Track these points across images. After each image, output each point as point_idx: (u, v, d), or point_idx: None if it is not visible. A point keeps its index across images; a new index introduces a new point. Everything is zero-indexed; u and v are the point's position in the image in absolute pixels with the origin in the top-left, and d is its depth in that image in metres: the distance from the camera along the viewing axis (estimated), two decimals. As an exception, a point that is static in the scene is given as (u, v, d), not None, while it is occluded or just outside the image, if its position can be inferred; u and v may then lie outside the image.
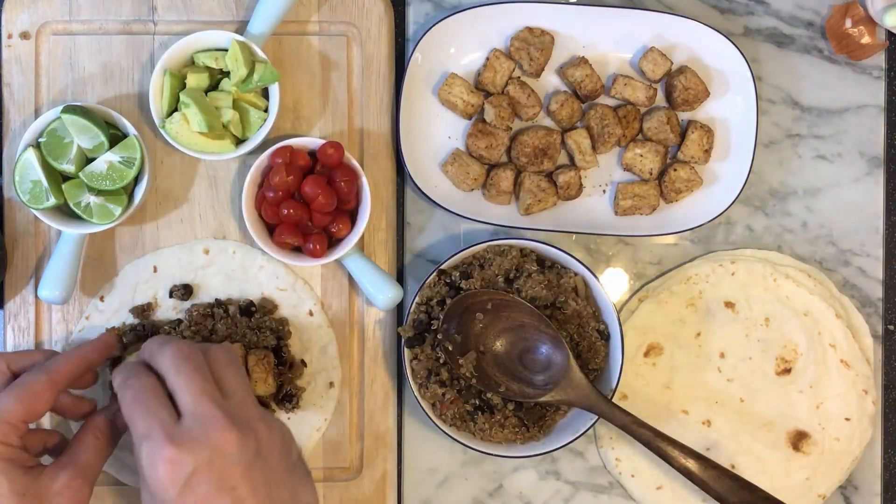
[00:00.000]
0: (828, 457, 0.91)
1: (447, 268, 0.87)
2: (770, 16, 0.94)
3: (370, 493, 0.89)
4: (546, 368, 0.85)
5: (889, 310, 0.94)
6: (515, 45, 0.89)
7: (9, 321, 0.88)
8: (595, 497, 0.92)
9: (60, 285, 0.84)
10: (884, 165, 0.94)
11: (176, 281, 0.89)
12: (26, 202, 0.82)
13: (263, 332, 0.87)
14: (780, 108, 0.94)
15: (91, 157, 0.84)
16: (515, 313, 0.85)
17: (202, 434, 0.66)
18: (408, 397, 0.91)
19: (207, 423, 0.67)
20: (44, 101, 0.89)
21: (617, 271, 0.93)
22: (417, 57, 0.89)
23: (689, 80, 0.89)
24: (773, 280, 0.92)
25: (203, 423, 0.67)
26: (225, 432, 0.67)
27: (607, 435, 0.91)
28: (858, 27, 0.91)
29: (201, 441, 0.66)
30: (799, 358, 0.92)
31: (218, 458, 0.66)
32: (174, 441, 0.66)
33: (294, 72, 0.90)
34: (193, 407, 0.68)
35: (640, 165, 0.90)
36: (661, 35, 0.91)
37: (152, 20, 0.89)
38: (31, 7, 0.88)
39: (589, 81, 0.90)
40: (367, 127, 0.90)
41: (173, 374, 0.70)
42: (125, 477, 0.88)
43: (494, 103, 0.89)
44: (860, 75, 0.94)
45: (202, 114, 0.82)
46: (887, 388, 0.94)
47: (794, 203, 0.94)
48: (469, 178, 0.89)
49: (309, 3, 0.90)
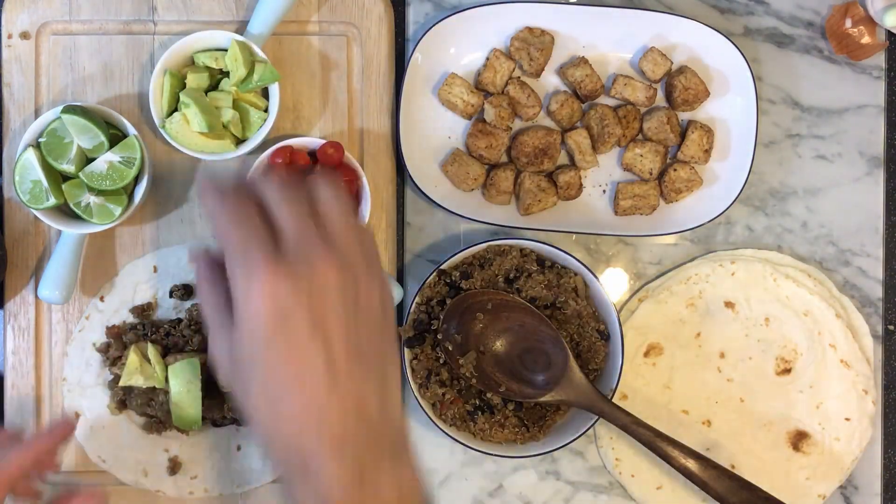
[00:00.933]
0: (828, 457, 0.91)
1: (447, 268, 0.87)
2: (770, 16, 0.94)
3: (370, 493, 0.89)
4: (546, 368, 0.85)
5: (889, 310, 0.94)
6: (515, 45, 0.89)
7: (9, 321, 0.88)
8: (595, 497, 0.92)
9: (60, 285, 0.84)
10: (884, 165, 0.94)
11: (176, 281, 0.89)
12: (26, 202, 0.83)
13: (263, 332, 0.87)
14: (780, 108, 0.94)
15: (91, 157, 0.84)
16: (515, 313, 0.85)
17: (304, 262, 0.59)
18: (408, 397, 0.91)
19: (311, 252, 0.59)
20: (44, 101, 0.89)
21: (617, 271, 0.93)
22: (417, 57, 0.89)
23: (689, 80, 0.89)
24: (773, 280, 0.92)
25: (306, 251, 0.60)
26: (328, 264, 0.59)
27: (607, 435, 0.91)
28: (858, 27, 0.91)
29: (301, 271, 0.59)
30: (799, 358, 0.92)
31: (317, 294, 0.59)
32: (274, 264, 0.58)
33: (294, 72, 0.90)
34: (297, 233, 0.60)
35: (640, 165, 0.90)
36: (661, 35, 0.91)
37: (152, 20, 0.89)
38: (31, 7, 0.88)
39: (589, 81, 0.90)
40: (367, 127, 0.90)
41: (278, 199, 0.62)
42: (125, 477, 0.88)
43: (494, 103, 0.89)
44: (860, 75, 0.94)
45: (202, 114, 0.82)
46: (887, 388, 0.94)
47: (794, 203, 0.94)
48: (469, 178, 0.89)
49: (309, 3, 0.90)
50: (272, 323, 0.58)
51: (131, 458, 0.88)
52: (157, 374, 0.85)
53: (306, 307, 0.58)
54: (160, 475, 0.88)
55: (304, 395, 0.58)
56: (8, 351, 0.88)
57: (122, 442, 0.88)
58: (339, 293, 0.60)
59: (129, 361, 0.84)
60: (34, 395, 0.88)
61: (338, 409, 0.59)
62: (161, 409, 0.86)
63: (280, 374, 0.59)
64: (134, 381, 0.84)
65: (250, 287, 0.58)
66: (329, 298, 0.59)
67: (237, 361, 0.60)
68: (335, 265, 0.60)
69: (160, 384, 0.85)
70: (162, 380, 0.85)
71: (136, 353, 0.84)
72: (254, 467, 0.88)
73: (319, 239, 0.61)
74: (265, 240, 0.60)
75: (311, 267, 0.59)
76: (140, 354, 0.85)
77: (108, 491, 0.87)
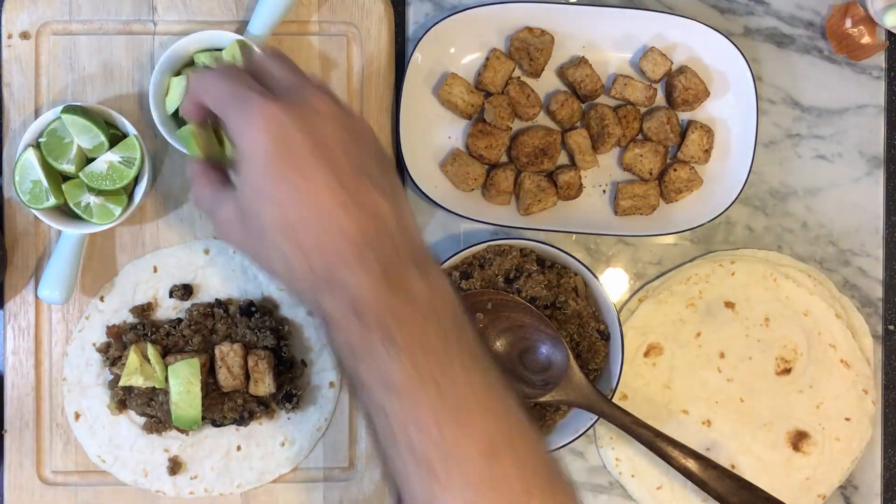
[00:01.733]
0: (828, 457, 0.91)
1: (447, 268, 0.87)
2: (770, 16, 0.94)
3: (370, 493, 0.89)
4: (546, 368, 0.85)
5: (889, 310, 0.94)
6: (515, 45, 0.89)
7: (9, 321, 0.88)
8: (595, 497, 0.92)
9: (60, 285, 0.84)
10: (884, 165, 0.94)
11: (176, 281, 0.89)
12: (26, 202, 0.82)
13: (263, 332, 0.87)
14: (780, 108, 0.94)
15: (91, 157, 0.84)
16: (515, 313, 0.85)
17: (298, 98, 0.60)
18: (408, 397, 0.91)
19: (303, 91, 0.61)
20: (44, 101, 0.89)
21: (617, 271, 0.93)
22: (417, 57, 0.89)
23: (689, 80, 0.89)
24: (773, 280, 0.92)
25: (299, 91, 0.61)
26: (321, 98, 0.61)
27: (607, 435, 0.91)
28: (858, 27, 0.91)
29: (296, 102, 0.60)
30: (799, 358, 0.92)
31: (315, 120, 0.60)
32: (270, 98, 0.59)
33: (294, 72, 0.90)
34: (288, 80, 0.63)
35: (639, 165, 0.90)
36: (661, 35, 0.91)
37: (152, 20, 0.89)
38: (31, 7, 0.88)
39: (589, 81, 0.90)
40: (367, 127, 0.90)
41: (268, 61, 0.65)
42: (125, 477, 0.88)
43: (494, 103, 0.89)
44: (860, 75, 0.94)
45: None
46: (887, 388, 0.94)
47: (794, 203, 0.94)
48: (469, 178, 0.89)
49: (309, 3, 0.90)
50: (275, 151, 0.58)
51: (131, 458, 0.88)
52: (156, 374, 0.84)
53: (306, 132, 0.59)
54: (160, 475, 0.88)
55: (320, 212, 0.58)
56: (8, 351, 0.88)
57: (122, 442, 0.88)
58: (335, 120, 0.61)
59: (129, 361, 0.84)
60: (34, 395, 0.88)
61: (356, 218, 0.59)
62: (161, 409, 0.86)
63: (292, 199, 0.58)
64: (134, 381, 0.84)
65: (248, 121, 0.59)
66: (327, 124, 0.60)
67: (245, 212, 0.60)
68: (328, 100, 0.61)
69: (160, 384, 0.85)
70: (162, 380, 0.84)
71: (136, 353, 0.84)
72: (254, 467, 0.88)
73: (311, 84, 0.62)
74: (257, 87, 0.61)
75: (306, 100, 0.60)
76: (140, 354, 0.85)
77: (108, 491, 0.88)
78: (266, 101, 0.59)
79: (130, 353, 0.85)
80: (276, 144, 0.58)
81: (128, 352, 0.85)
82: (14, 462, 0.88)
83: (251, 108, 0.59)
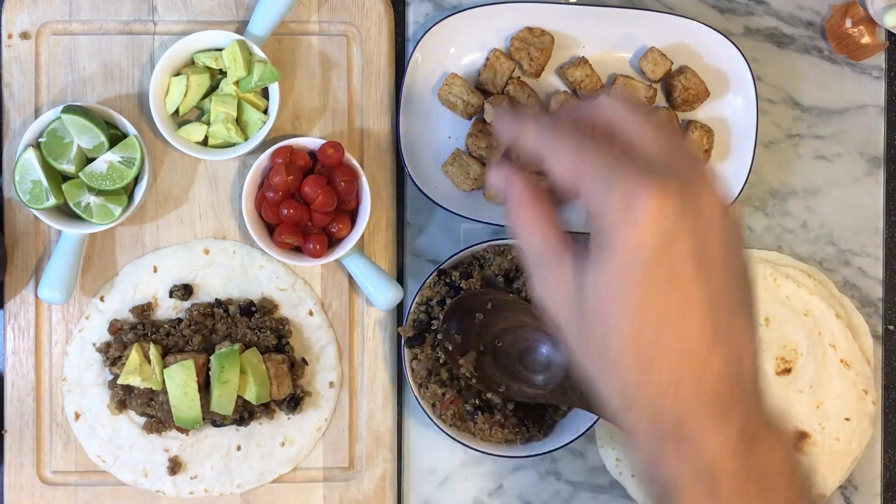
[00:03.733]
0: (828, 457, 0.91)
1: (447, 268, 0.87)
2: (770, 16, 0.94)
3: (370, 493, 0.89)
4: (546, 368, 0.85)
5: (889, 310, 0.94)
6: (515, 45, 0.89)
7: (9, 321, 0.88)
8: (595, 497, 0.92)
9: (60, 285, 0.84)
10: (884, 165, 0.94)
11: (176, 281, 0.89)
12: (26, 202, 0.83)
13: (263, 332, 0.87)
14: (780, 108, 0.94)
15: (91, 157, 0.84)
16: (515, 313, 0.85)
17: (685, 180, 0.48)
18: (408, 397, 0.91)
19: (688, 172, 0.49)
20: (44, 101, 0.89)
21: (617, 271, 0.93)
22: (417, 57, 0.89)
23: (689, 80, 0.89)
24: (773, 280, 0.92)
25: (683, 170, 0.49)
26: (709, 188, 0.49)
27: (607, 435, 0.91)
28: (858, 27, 0.91)
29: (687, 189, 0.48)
30: (799, 358, 0.92)
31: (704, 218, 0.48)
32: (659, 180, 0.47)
33: (294, 72, 0.90)
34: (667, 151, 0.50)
35: (640, 165, 0.90)
36: (661, 35, 0.91)
37: (152, 20, 0.89)
38: (31, 7, 0.88)
39: (589, 81, 0.90)
40: (367, 127, 0.90)
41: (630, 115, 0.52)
42: (125, 477, 0.88)
43: (494, 103, 0.89)
44: (860, 75, 0.94)
45: (231, 128, 0.83)
46: (887, 388, 0.94)
47: (794, 203, 0.94)
48: (469, 178, 0.89)
49: (309, 3, 0.90)
50: (654, 257, 0.48)
51: (131, 458, 0.88)
52: (155, 376, 0.84)
53: (690, 233, 0.48)
54: (160, 475, 0.88)
55: (687, 347, 0.49)
56: (8, 351, 0.88)
57: (122, 442, 0.88)
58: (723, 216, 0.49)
59: (129, 360, 0.84)
60: (34, 395, 0.88)
61: (719, 366, 0.49)
62: (161, 409, 0.86)
63: (657, 314, 0.48)
64: (132, 380, 0.84)
65: (631, 208, 0.47)
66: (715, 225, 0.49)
67: (589, 303, 0.50)
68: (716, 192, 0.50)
69: (157, 386, 0.85)
70: (160, 382, 0.84)
71: (137, 353, 0.84)
72: (254, 467, 0.88)
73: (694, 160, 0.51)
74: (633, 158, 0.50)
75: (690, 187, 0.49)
76: (141, 354, 0.85)
77: (108, 491, 0.88)
78: (654, 183, 0.47)
79: (132, 352, 0.85)
80: (658, 249, 0.48)
81: (129, 351, 0.85)
82: (14, 462, 0.88)
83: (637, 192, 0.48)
